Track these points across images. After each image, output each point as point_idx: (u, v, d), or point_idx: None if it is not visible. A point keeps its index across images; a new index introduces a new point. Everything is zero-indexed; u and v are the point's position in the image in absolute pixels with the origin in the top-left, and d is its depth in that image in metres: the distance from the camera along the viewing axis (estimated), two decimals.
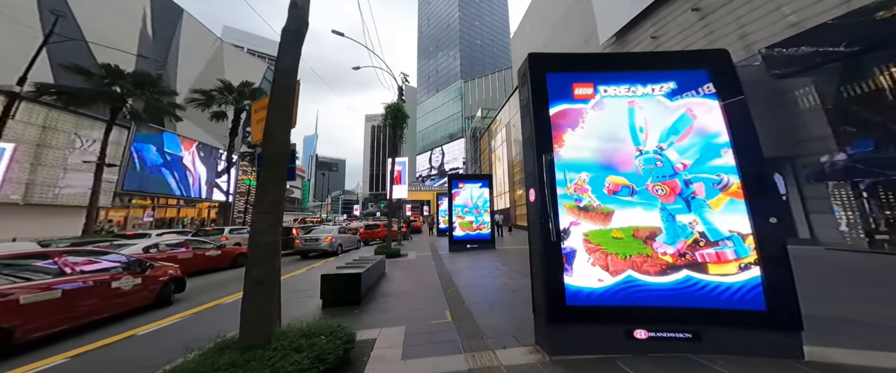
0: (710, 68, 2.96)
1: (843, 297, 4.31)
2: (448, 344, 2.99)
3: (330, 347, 2.21)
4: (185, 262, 8.03)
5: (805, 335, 2.44)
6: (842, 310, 3.59)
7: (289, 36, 2.80)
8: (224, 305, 5.07)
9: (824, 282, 5.39)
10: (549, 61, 3.16)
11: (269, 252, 2.40)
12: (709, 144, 2.78)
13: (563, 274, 2.65)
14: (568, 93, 3.02)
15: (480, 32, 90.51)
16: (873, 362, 2.36)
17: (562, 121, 2.96)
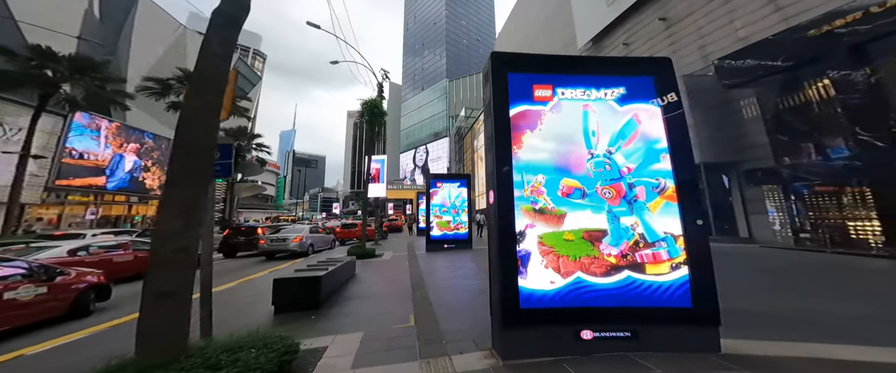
0: (654, 76, 3.11)
1: (764, 290, 4.87)
2: (405, 351, 2.92)
3: (260, 361, 2.01)
4: (124, 265, 7.43)
5: (722, 329, 2.65)
6: (760, 304, 4.02)
7: (220, 19, 2.51)
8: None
9: (753, 277, 5.98)
10: (512, 61, 3.16)
11: (177, 260, 2.09)
12: (650, 149, 2.91)
13: (517, 277, 2.67)
14: (528, 94, 3.04)
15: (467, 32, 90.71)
16: (778, 352, 2.60)
17: (522, 122, 2.97)
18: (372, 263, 9.30)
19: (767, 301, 4.21)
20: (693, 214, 2.79)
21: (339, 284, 5.71)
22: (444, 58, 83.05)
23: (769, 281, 5.64)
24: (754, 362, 2.45)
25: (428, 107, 73.72)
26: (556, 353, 2.61)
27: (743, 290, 4.84)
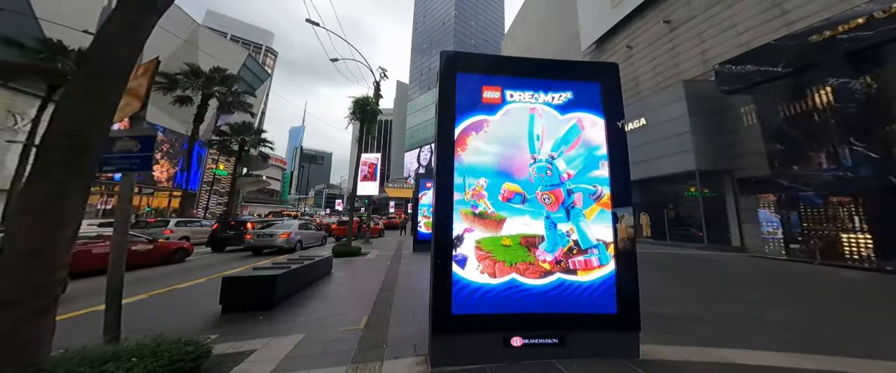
0: (601, 82, 2.99)
1: (707, 298, 5.03)
2: (338, 355, 2.84)
3: (135, 372, 1.81)
4: (103, 257, 7.27)
5: (643, 335, 2.71)
6: (693, 310, 4.27)
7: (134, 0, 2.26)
8: (133, 303, 4.67)
9: (710, 285, 6.06)
10: (462, 61, 3.06)
11: (28, 265, 1.81)
12: (591, 156, 2.83)
13: (450, 282, 2.58)
14: (477, 95, 2.94)
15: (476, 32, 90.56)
16: (689, 357, 2.72)
17: (474, 123, 2.87)
18: (354, 261, 9.24)
19: (701, 308, 4.46)
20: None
21: (306, 283, 5.64)
22: None
23: (722, 290, 5.73)
24: (665, 366, 2.55)
25: (434, 106, 73.79)
26: (486, 360, 2.53)
27: (684, 297, 5.07)
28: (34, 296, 1.78)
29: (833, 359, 2.75)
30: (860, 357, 2.80)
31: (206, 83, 21.59)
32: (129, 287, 5.74)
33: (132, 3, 2.21)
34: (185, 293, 5.38)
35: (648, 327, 2.80)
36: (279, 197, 69.99)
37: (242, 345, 2.96)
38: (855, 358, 2.78)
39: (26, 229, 1.82)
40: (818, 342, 3.16)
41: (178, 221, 14.16)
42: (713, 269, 7.80)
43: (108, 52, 2.14)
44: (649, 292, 4.04)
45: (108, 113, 2.12)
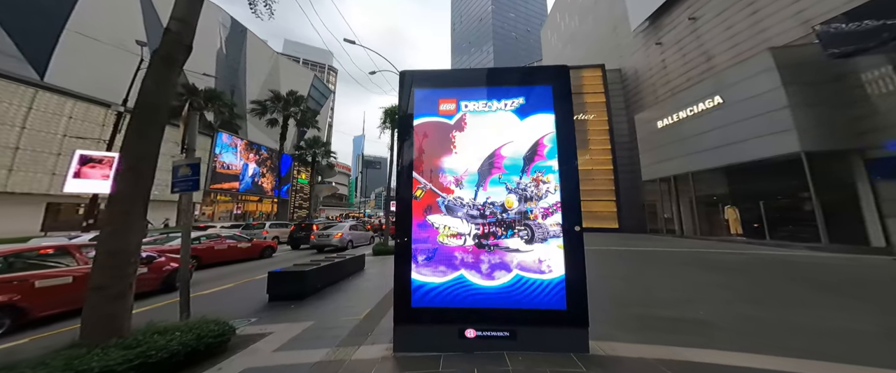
0: (553, 85, 2.97)
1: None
2: (329, 339, 3.39)
3: (171, 343, 2.48)
4: (221, 252, 9.62)
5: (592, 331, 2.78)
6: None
7: (156, 59, 2.96)
8: (220, 291, 6.16)
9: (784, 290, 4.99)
10: (418, 78, 3.38)
11: (112, 260, 2.49)
12: (543, 156, 2.93)
13: (410, 277, 2.93)
14: (434, 107, 3.23)
15: (515, 25, 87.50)
16: (637, 354, 2.78)
17: (429, 133, 3.17)
18: (388, 259, 10.17)
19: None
20: (573, 220, 2.83)
21: (338, 277, 6.51)
22: (492, 53, 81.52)
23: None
24: (608, 361, 2.64)
25: None
26: (442, 349, 2.83)
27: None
28: (115, 283, 2.53)
29: (787, 360, 2.63)
30: None
31: (285, 106, 26.16)
32: (226, 277, 7.58)
33: (161, 59, 2.96)
34: (254, 284, 6.66)
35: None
36: (347, 201, 78.93)
37: (267, 327, 3.77)
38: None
39: (108, 236, 2.62)
40: None
41: (272, 223, 17.82)
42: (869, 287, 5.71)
43: (149, 103, 2.84)
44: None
45: (155, 150, 2.89)
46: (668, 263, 8.18)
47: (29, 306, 4.04)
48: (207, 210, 29.09)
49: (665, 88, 19.19)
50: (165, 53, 2.97)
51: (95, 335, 2.41)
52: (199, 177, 3.59)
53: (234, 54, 37.49)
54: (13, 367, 2.08)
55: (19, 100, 16.02)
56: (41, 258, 4.61)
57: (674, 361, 2.63)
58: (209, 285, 6.67)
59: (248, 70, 38.87)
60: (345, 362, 2.81)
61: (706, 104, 13.33)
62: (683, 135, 15.01)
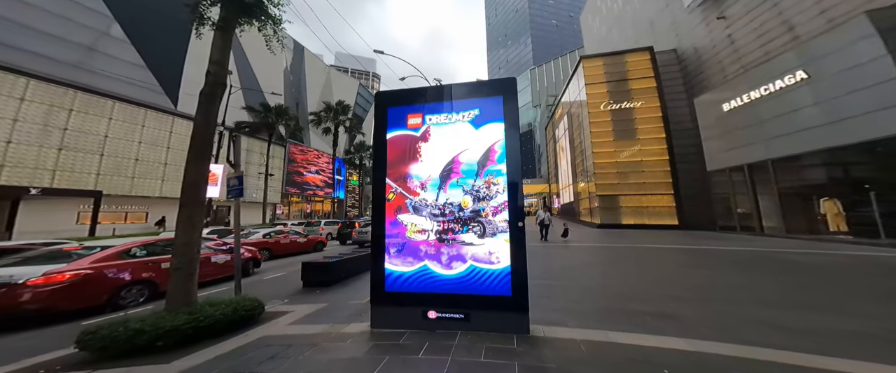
0: (503, 95, 3.22)
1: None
2: (332, 319, 4.06)
3: (216, 313, 3.40)
4: (283, 246, 11.41)
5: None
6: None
7: (202, 98, 3.80)
8: (277, 277, 7.50)
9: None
10: (391, 97, 3.93)
11: (185, 250, 3.54)
12: (494, 161, 3.29)
13: (384, 268, 3.50)
14: (404, 122, 3.75)
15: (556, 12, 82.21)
16: (573, 337, 3.08)
17: (402, 144, 3.70)
18: None
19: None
20: (516, 217, 3.15)
21: (361, 268, 7.26)
22: (530, 45, 77.91)
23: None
24: (541, 341, 2.97)
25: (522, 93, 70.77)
26: (410, 327, 3.36)
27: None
28: (187, 265, 3.55)
29: (701, 342, 2.87)
30: None
31: (334, 115, 29.56)
32: (286, 267, 9.15)
33: (205, 96, 3.89)
34: (298, 273, 7.73)
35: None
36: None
37: (291, 308, 4.67)
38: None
39: (181, 232, 3.63)
40: None
41: (326, 221, 20.58)
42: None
43: (201, 135, 3.82)
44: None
45: (206, 170, 3.96)
46: (708, 263, 7.35)
47: (160, 282, 5.45)
48: (285, 209, 34.65)
49: (736, 66, 16.39)
50: (209, 92, 3.91)
51: (175, 303, 3.49)
52: (244, 186, 4.71)
53: (297, 72, 43.27)
54: (126, 321, 3.22)
55: (167, 126, 22.23)
56: (166, 246, 6.06)
57: (596, 341, 2.95)
58: (273, 272, 8.18)
59: (308, 85, 44.50)
60: (333, 333, 3.51)
61: (786, 81, 11.16)
62: (761, 117, 12.81)
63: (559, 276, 6.18)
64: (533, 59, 74.20)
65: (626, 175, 20.15)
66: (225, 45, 4.13)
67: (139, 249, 5.62)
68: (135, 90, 21.30)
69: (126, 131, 20.47)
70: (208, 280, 6.66)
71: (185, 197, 3.77)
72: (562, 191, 35.75)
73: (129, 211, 21.22)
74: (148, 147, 21.46)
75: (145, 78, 22.18)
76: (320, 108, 30.15)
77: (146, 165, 21.24)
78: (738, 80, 14.50)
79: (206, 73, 4.00)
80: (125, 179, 20.42)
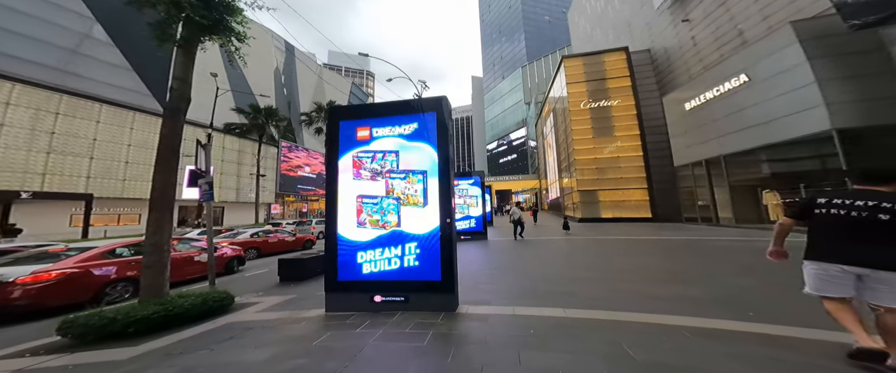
0: (436, 111, 3.80)
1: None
2: (293, 307, 4.55)
3: (185, 303, 3.83)
4: (271, 244, 11.86)
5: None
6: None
7: (167, 113, 4.12)
8: (259, 273, 7.94)
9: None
10: (342, 112, 4.46)
11: (154, 249, 3.93)
12: (430, 165, 3.89)
13: (337, 262, 4.04)
14: (354, 134, 4.27)
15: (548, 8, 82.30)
16: (490, 312, 3.70)
17: (352, 154, 4.21)
18: None
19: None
20: (446, 214, 3.75)
21: None
22: (523, 41, 78.11)
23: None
24: (457, 317, 3.55)
25: (510, 95, 71.63)
26: (358, 310, 3.92)
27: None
28: (158, 263, 3.95)
29: (576, 311, 3.56)
30: None
31: (326, 115, 29.78)
32: (267, 265, 9.53)
33: (169, 116, 4.31)
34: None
35: None
36: None
37: (263, 299, 5.13)
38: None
39: (151, 233, 4.00)
40: None
41: (318, 220, 21.02)
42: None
43: (168, 146, 4.14)
44: None
45: (175, 178, 4.38)
46: (641, 251, 8.26)
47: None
48: (281, 209, 34.76)
49: (698, 67, 17.12)
50: (173, 107, 4.30)
51: (147, 295, 3.98)
52: (212, 190, 5.19)
53: (289, 73, 43.12)
54: (102, 312, 3.67)
55: (155, 128, 21.54)
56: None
57: (502, 314, 3.60)
58: (257, 270, 8.63)
59: (300, 85, 44.42)
60: (292, 318, 4.05)
61: (733, 83, 11.96)
62: (714, 116, 13.64)
63: (508, 266, 6.83)
64: (526, 55, 74.51)
65: (604, 171, 20.89)
66: (187, 62, 4.47)
67: (125, 249, 6.07)
68: (121, 93, 21.33)
69: (114, 134, 20.59)
70: (194, 277, 7.13)
71: (154, 202, 4.17)
72: (550, 186, 36.52)
73: (122, 213, 21.42)
74: (137, 149, 21.59)
75: (131, 80, 22.20)
76: (312, 108, 30.34)
77: (137, 168, 21.37)
78: (697, 80, 15.31)
79: (170, 89, 4.35)
80: (116, 181, 20.59)
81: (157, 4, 4.24)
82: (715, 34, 15.85)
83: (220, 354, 3.04)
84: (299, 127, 36.60)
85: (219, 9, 4.40)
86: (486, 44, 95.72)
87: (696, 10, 16.80)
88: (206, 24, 4.31)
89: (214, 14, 4.34)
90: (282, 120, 26.58)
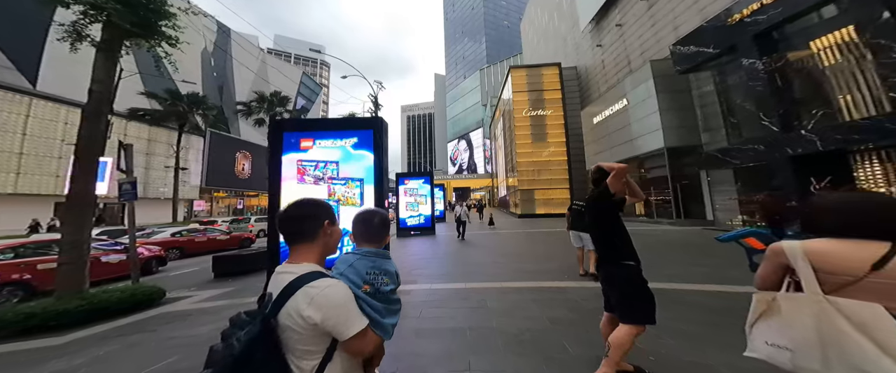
0: (373, 129, 4.64)
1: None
2: (237, 297, 4.93)
3: (111, 297, 3.99)
4: (198, 244, 10.91)
5: None
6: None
7: (86, 114, 4.05)
8: (189, 272, 7.68)
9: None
10: (286, 124, 4.89)
11: (73, 247, 3.96)
12: (366, 174, 4.61)
13: (279, 257, 4.52)
14: (298, 145, 4.77)
15: (507, 13, 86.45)
16: (414, 288, 4.69)
17: (294, 160, 4.72)
18: None
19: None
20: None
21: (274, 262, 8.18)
22: (484, 43, 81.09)
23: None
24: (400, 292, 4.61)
25: (470, 95, 73.64)
26: None
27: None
28: (77, 260, 4.01)
29: (473, 284, 4.80)
30: None
31: (270, 106, 26.45)
32: (197, 264, 9.05)
33: (90, 117, 4.20)
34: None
35: None
36: None
37: (198, 293, 5.27)
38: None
39: (70, 232, 4.04)
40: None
41: (258, 218, 19.13)
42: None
43: (86, 145, 4.11)
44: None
45: (95, 179, 4.29)
46: (541, 241, 9.92)
47: (37, 283, 5.48)
48: (206, 206, 30.37)
49: (605, 87, 20.73)
50: (94, 110, 4.18)
51: (65, 290, 3.97)
52: (136, 191, 5.16)
53: (221, 56, 37.72)
54: (16, 308, 3.70)
55: (18, 108, 17.23)
56: (39, 248, 6.01)
57: (422, 289, 4.56)
58: (184, 269, 8.33)
59: (235, 70, 39.26)
60: (233, 305, 4.42)
61: (619, 104, 15.21)
62: (609, 130, 16.94)
63: (442, 256, 7.93)
64: (486, 57, 77.48)
65: (540, 172, 23.83)
66: (109, 64, 4.31)
67: (6, 252, 5.58)
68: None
69: None
70: (101, 279, 6.54)
71: (72, 202, 4.11)
72: (500, 185, 39.58)
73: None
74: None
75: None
76: (251, 97, 27.22)
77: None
78: (602, 99, 18.60)
79: (89, 91, 4.19)
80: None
81: (71, 4, 4.00)
82: (615, 61, 19.28)
83: (164, 332, 3.42)
84: (234, 117, 32.50)
85: (147, 13, 4.27)
86: (449, 42, 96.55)
87: (606, 38, 20.18)
88: (131, 29, 4.18)
89: (142, 18, 4.21)
90: (210, 108, 23.52)
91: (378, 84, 18.19)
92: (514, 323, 3.11)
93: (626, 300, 1.95)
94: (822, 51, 7.19)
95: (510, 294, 4.14)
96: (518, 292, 4.20)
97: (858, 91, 6.67)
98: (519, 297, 4.00)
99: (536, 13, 37.74)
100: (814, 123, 7.34)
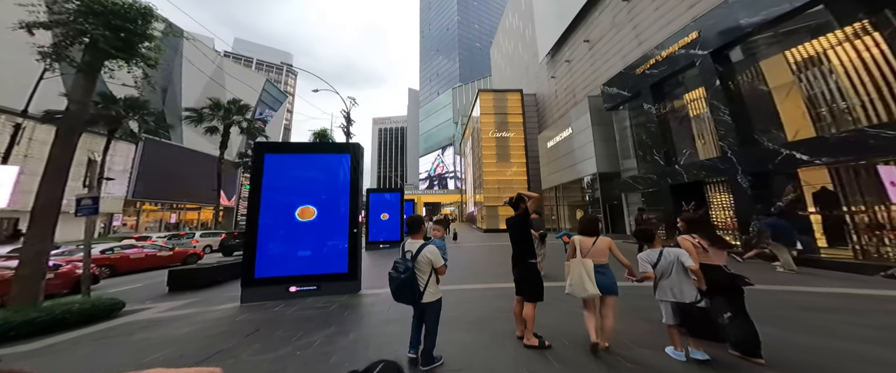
0: (350, 154, 5.40)
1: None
2: (205, 305, 5.07)
3: (73, 309, 4.07)
4: (134, 261, 10.12)
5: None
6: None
7: (62, 132, 4.26)
8: (132, 287, 7.34)
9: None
10: (267, 147, 5.43)
11: (34, 259, 4.04)
12: (341, 190, 5.34)
13: (255, 262, 4.91)
14: (279, 164, 5.29)
15: (480, 36, 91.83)
16: (378, 292, 5.18)
17: (274, 175, 5.21)
18: None
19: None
20: (353, 225, 5.21)
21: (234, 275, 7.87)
22: (458, 62, 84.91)
23: None
24: (357, 296, 4.96)
25: (443, 111, 75.66)
26: (274, 298, 4.85)
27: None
28: (36, 272, 4.10)
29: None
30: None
31: (226, 114, 24.80)
32: (137, 281, 8.69)
33: (65, 135, 4.36)
34: (157, 285, 7.58)
35: None
36: None
37: (157, 305, 5.29)
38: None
39: (32, 244, 4.13)
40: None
41: (203, 233, 17.77)
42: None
43: (56, 162, 4.26)
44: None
45: (62, 195, 4.39)
46: (501, 251, 10.95)
47: None
48: (129, 220, 26.93)
49: (557, 115, 23.51)
50: (69, 128, 4.34)
51: (22, 302, 4.04)
52: (97, 206, 5.23)
53: (168, 57, 35.16)
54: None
55: None
56: None
57: (387, 292, 5.07)
58: (124, 286, 7.79)
59: (185, 73, 36.62)
60: (202, 312, 4.61)
61: (565, 132, 17.64)
62: (558, 154, 19.29)
63: None
64: (459, 76, 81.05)
65: (503, 190, 25.59)
66: (88, 86, 4.54)
67: None
68: None
69: None
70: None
71: (37, 214, 4.22)
72: (468, 201, 41.03)
73: None
74: None
75: None
76: (203, 103, 25.33)
77: None
78: (554, 125, 21.08)
79: (67, 109, 4.41)
80: None
81: (53, 27, 4.19)
82: (565, 92, 22.17)
83: (140, 334, 3.64)
84: (178, 122, 29.36)
85: (130, 35, 4.47)
86: (424, 58, 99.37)
87: (559, 71, 23.15)
88: (113, 52, 4.39)
89: (124, 42, 4.45)
90: (150, 114, 21.09)
91: (351, 100, 18.76)
92: (470, 312, 4.02)
93: (527, 286, 2.90)
94: (689, 104, 9.55)
95: (470, 293, 4.99)
96: (477, 292, 5.07)
97: (704, 138, 9.12)
98: (477, 294, 4.89)
99: (504, 40, 41.17)
100: (683, 160, 9.63)
